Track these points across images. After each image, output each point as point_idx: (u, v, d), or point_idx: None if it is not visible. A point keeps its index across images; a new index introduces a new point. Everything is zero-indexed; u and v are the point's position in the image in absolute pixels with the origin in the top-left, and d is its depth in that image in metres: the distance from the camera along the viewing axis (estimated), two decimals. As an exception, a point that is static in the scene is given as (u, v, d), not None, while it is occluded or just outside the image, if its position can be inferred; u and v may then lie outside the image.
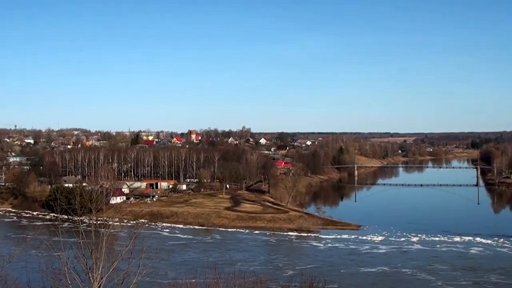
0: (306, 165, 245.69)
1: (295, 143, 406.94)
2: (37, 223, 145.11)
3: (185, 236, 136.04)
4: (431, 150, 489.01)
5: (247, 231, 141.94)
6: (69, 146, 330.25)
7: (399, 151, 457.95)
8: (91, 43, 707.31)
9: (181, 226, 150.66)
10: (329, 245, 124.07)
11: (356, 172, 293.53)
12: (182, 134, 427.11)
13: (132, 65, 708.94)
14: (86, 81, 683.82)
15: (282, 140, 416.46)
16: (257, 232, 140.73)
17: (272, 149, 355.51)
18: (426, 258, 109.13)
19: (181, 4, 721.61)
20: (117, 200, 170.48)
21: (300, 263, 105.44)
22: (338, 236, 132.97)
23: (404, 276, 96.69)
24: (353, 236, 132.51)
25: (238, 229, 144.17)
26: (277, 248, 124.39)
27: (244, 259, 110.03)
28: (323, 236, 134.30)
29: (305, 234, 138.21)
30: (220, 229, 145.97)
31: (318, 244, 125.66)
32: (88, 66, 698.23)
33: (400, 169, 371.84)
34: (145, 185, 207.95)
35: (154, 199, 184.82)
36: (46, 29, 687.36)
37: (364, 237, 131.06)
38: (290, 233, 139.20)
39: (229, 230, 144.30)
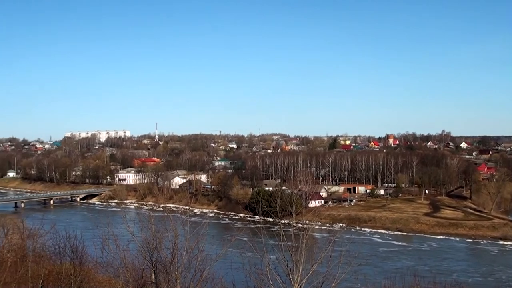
0: (511, 170, 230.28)
1: (499, 147, 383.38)
2: (240, 225, 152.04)
3: (399, 243, 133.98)
4: None
5: (456, 238, 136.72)
6: (269, 151, 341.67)
7: None
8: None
9: (381, 231, 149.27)
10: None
11: None
12: (379, 138, 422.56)
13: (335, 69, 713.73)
14: (286, 87, 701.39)
15: (484, 144, 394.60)
16: (457, 239, 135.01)
17: (473, 154, 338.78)
18: None
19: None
20: (316, 203, 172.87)
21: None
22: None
23: None
24: None
25: (437, 236, 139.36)
26: (497, 259, 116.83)
27: (461, 269, 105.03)
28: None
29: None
30: (419, 235, 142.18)
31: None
32: (292, 72, 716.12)
33: None
34: (342, 189, 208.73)
35: (352, 203, 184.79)
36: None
37: None
38: (502, 242, 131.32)
39: (427, 236, 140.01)
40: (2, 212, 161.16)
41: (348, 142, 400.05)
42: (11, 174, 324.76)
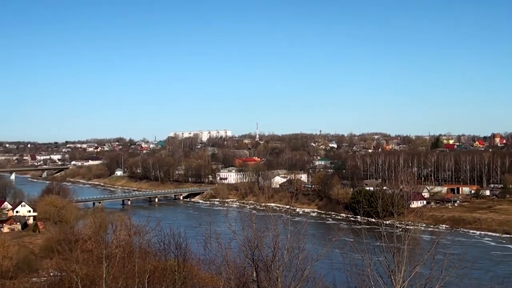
0: None
1: None
2: (341, 224, 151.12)
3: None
4: None
5: None
6: (369, 150, 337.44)
7: None
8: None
9: (490, 233, 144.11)
10: None
11: None
12: (484, 137, 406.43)
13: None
14: (387, 86, 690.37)
15: None
16: None
17: None
18: None
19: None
20: (418, 204, 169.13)
21: None
22: None
23: None
24: None
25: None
26: None
27: None
28: None
29: None
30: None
31: None
32: (394, 71, 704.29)
33: None
34: (445, 190, 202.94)
35: (455, 204, 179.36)
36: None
37: None
38: None
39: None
40: (110, 210, 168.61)
41: (451, 142, 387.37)
42: (118, 172, 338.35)
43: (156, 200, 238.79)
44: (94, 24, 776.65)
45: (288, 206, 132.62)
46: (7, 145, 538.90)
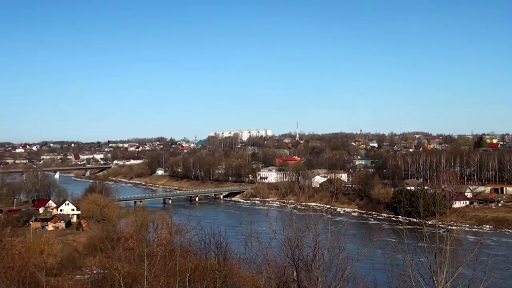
0: None
1: None
2: (382, 224, 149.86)
3: None
4: None
5: None
6: (410, 150, 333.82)
7: None
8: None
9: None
10: None
11: None
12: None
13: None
14: (429, 84, 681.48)
15: None
16: None
17: None
18: None
19: None
20: (460, 204, 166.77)
21: None
22: None
23: None
24: None
25: None
26: None
27: None
28: None
29: None
30: None
31: None
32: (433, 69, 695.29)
33: None
34: (489, 190, 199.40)
35: (499, 204, 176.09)
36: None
37: None
38: None
39: None
40: (152, 208, 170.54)
41: (495, 141, 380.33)
42: (159, 172, 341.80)
43: (197, 199, 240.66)
44: (136, 24, 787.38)
45: (328, 206, 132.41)
46: (51, 145, 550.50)
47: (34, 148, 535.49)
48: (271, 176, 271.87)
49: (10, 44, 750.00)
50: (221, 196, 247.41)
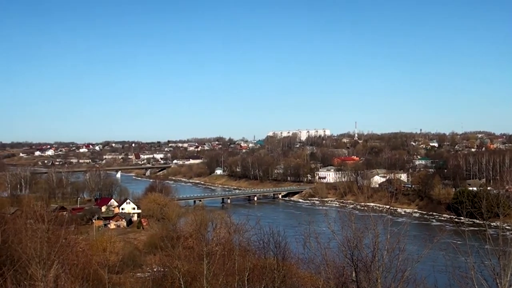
0: None
1: None
2: (443, 225, 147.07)
3: None
4: None
5: None
6: (472, 149, 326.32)
7: None
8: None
9: None
10: None
11: None
12: None
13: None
14: (490, 80, 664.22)
15: None
16: None
17: None
18: None
19: None
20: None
21: None
22: None
23: None
24: None
25: None
26: None
27: None
28: None
29: None
30: None
31: None
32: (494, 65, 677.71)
33: None
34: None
35: None
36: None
37: None
38: None
39: None
40: (211, 208, 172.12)
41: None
42: (218, 171, 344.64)
43: (255, 198, 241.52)
44: (200, 25, 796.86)
45: (387, 206, 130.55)
46: (113, 145, 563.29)
47: (97, 148, 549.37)
48: (330, 176, 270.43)
49: (75, 45, 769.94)
50: (280, 196, 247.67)
